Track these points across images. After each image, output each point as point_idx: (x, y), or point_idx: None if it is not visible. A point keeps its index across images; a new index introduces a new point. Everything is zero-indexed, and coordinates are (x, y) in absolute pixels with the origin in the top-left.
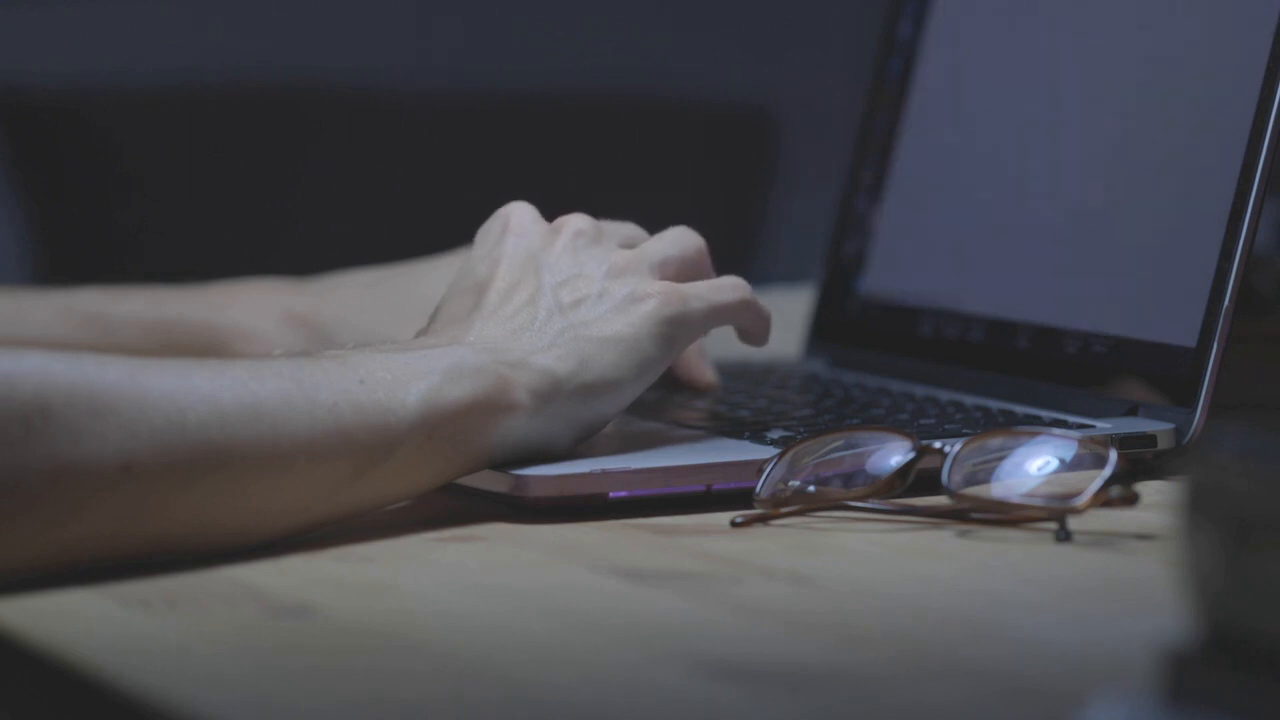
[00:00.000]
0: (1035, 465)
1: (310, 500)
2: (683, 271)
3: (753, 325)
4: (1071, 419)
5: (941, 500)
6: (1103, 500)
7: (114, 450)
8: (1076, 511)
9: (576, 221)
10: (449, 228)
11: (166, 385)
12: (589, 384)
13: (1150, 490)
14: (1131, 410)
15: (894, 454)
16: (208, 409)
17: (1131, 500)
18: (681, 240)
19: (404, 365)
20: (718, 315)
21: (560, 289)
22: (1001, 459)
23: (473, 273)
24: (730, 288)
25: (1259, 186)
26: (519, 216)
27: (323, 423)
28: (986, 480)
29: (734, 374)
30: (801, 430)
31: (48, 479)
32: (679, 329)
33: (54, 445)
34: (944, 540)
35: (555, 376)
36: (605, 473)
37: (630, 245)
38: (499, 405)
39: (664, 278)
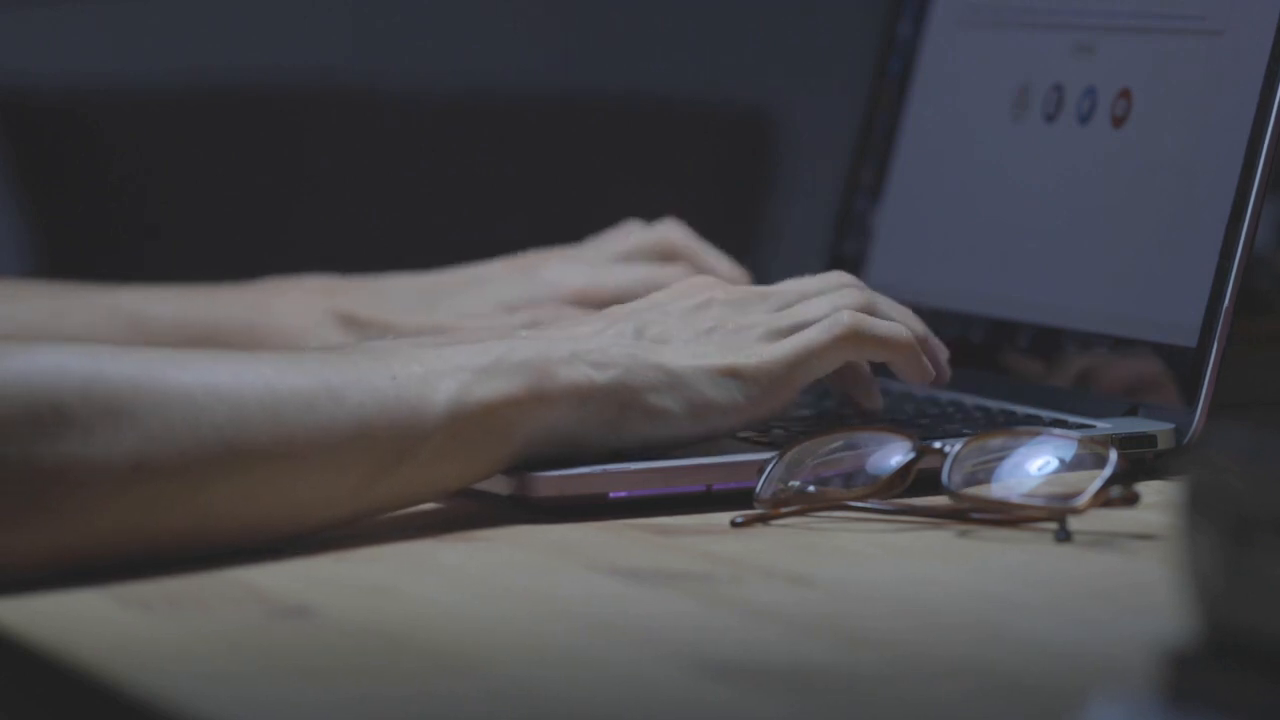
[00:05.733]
0: (1035, 465)
1: (328, 500)
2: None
3: (895, 366)
4: (1071, 419)
5: (941, 500)
6: (1103, 500)
7: (126, 449)
8: (1076, 511)
9: (714, 290)
10: (449, 228)
11: (186, 383)
12: (627, 404)
13: (1150, 490)
14: (1131, 410)
15: (894, 454)
16: (226, 409)
17: (1131, 500)
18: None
19: (438, 359)
20: (810, 365)
21: (650, 324)
22: (1001, 459)
23: None
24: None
25: (1259, 186)
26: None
27: (343, 424)
28: (986, 480)
29: None
30: (801, 430)
31: (56, 477)
32: (755, 386)
33: (63, 443)
34: (944, 540)
35: (595, 382)
36: (606, 473)
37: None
38: (532, 399)
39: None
